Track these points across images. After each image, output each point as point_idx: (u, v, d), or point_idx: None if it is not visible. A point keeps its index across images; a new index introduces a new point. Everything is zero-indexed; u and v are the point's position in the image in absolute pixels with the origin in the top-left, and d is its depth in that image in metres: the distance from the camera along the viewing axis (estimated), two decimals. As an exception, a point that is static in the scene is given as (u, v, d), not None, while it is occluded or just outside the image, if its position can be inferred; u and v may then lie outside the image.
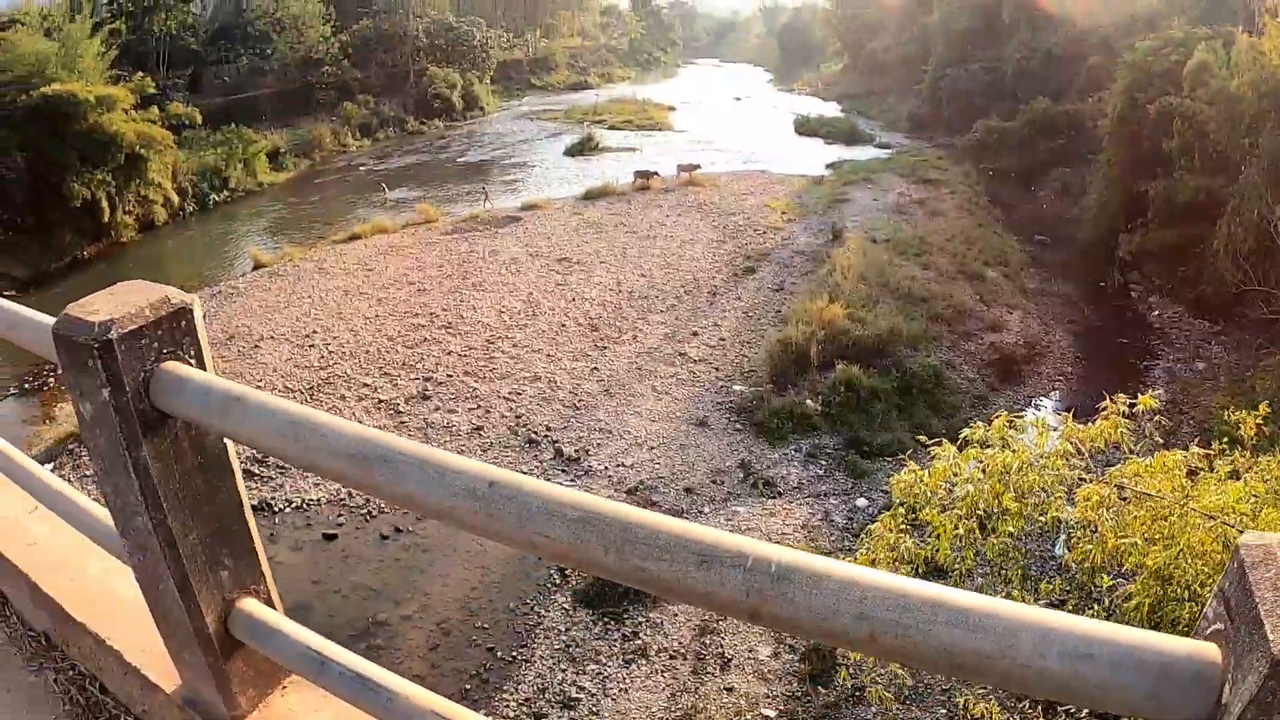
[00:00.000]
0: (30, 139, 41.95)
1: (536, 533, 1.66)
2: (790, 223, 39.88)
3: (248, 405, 2.19)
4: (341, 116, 67.77)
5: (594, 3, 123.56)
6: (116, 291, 2.43)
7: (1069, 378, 27.53)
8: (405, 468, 1.87)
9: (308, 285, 33.94)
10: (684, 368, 26.43)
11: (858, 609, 1.36)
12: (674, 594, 1.57)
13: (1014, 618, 1.30)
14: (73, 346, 2.31)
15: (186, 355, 2.41)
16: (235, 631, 2.57)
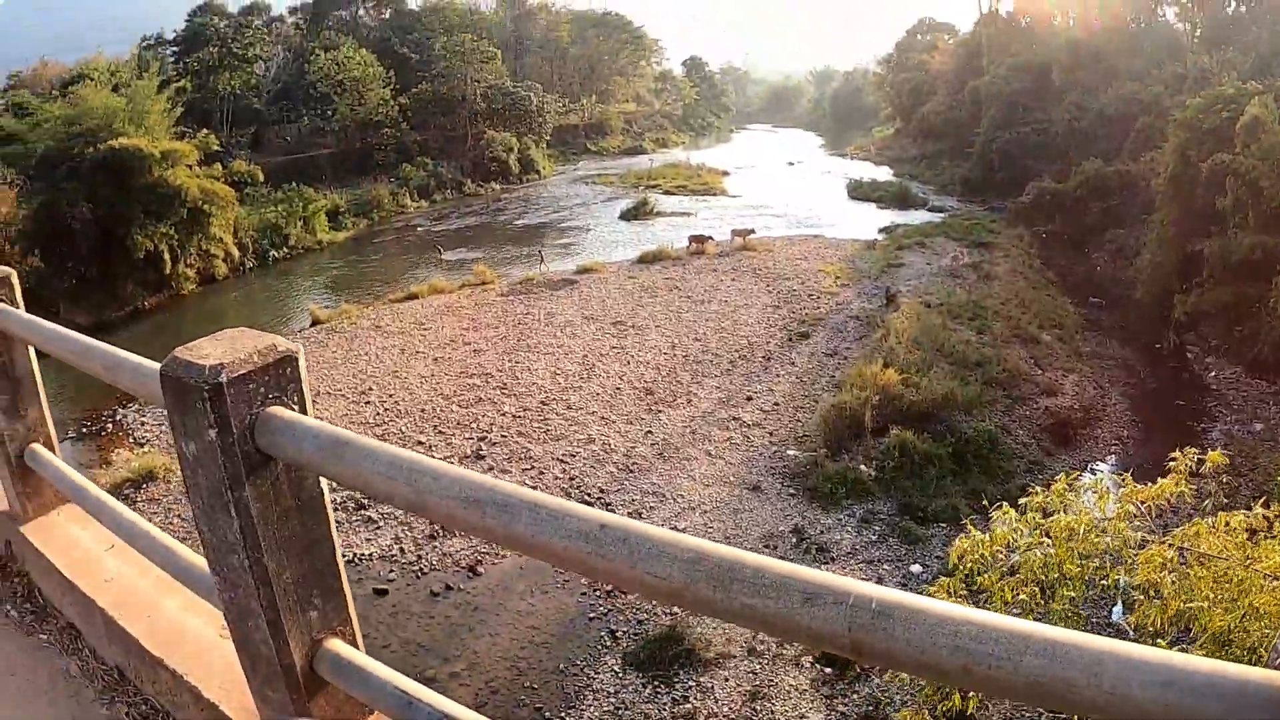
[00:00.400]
0: (96, 191, 43.24)
1: (648, 573, 1.74)
2: (844, 287, 39.86)
3: (358, 449, 2.29)
4: (400, 178, 68.99)
5: (649, 69, 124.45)
6: (222, 337, 2.56)
7: (1125, 441, 27.24)
8: (517, 510, 1.95)
9: (364, 343, 34.35)
10: (738, 432, 26.36)
11: (953, 642, 1.44)
12: (779, 630, 1.66)
13: (1098, 648, 1.37)
14: (182, 388, 2.43)
15: (290, 401, 2.52)
16: (321, 670, 2.65)
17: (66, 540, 4.41)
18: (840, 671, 16.25)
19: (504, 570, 19.94)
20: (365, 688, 2.59)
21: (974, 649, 1.42)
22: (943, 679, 1.45)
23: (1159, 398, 30.59)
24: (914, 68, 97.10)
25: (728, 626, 17.46)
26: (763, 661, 16.82)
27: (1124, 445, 26.96)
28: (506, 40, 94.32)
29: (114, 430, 28.56)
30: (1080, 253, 47.92)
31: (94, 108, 47.64)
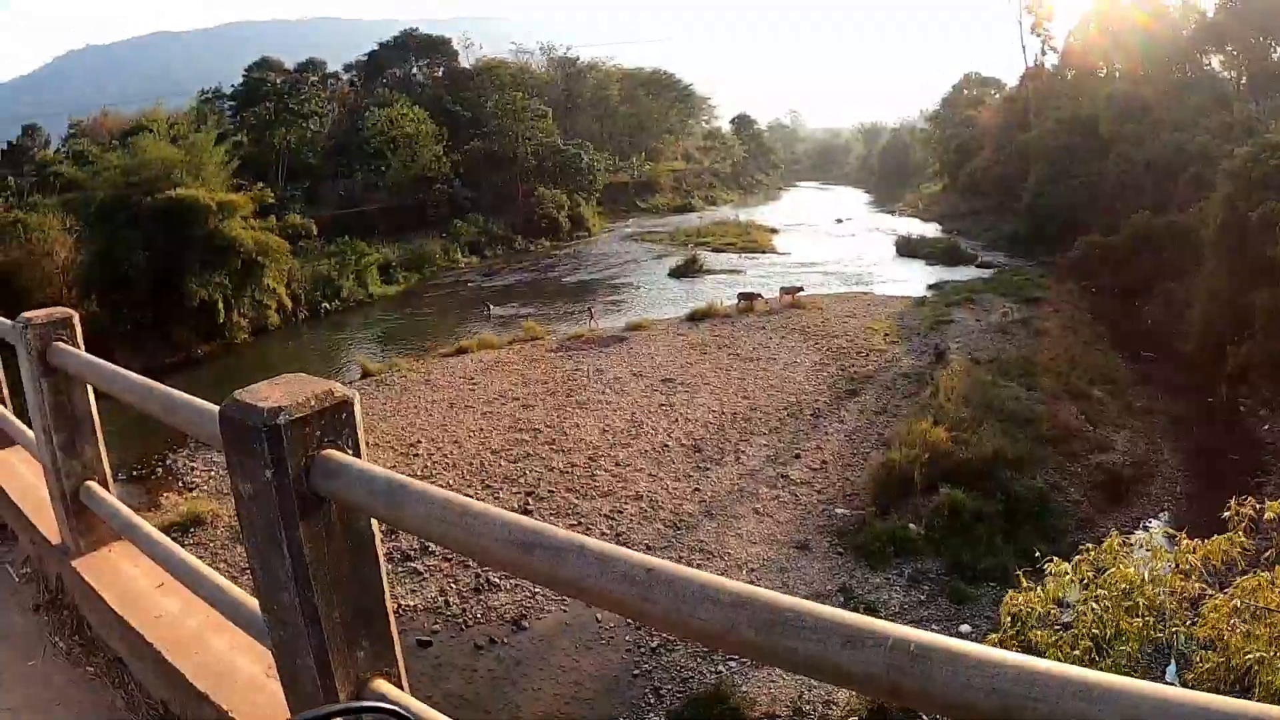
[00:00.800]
0: (153, 240, 44.21)
1: (691, 616, 1.77)
2: (893, 344, 39.78)
3: (411, 493, 2.33)
4: (451, 233, 69.80)
5: (697, 127, 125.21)
6: (280, 381, 2.63)
7: (1178, 497, 26.93)
8: (566, 554, 2.00)
9: (414, 396, 34.64)
10: (786, 490, 26.29)
11: (990, 684, 1.44)
12: (819, 673, 1.67)
13: (1136, 691, 1.37)
14: (240, 429, 2.50)
15: (345, 445, 2.57)
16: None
17: (117, 576, 4.49)
18: (885, 731, 16.12)
19: (548, 625, 19.96)
20: None
21: (1011, 691, 1.44)
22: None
23: (1212, 453, 30.21)
24: (961, 123, 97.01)
25: (773, 686, 17.42)
26: (808, 721, 16.75)
27: (1176, 501, 26.67)
28: (557, 99, 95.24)
29: (163, 475, 28.94)
30: (1130, 306, 47.55)
31: (153, 158, 48.82)
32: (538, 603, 20.59)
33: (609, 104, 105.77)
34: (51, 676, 4.26)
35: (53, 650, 4.47)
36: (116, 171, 48.62)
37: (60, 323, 4.57)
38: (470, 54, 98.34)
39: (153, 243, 44.61)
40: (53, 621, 4.72)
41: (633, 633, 19.53)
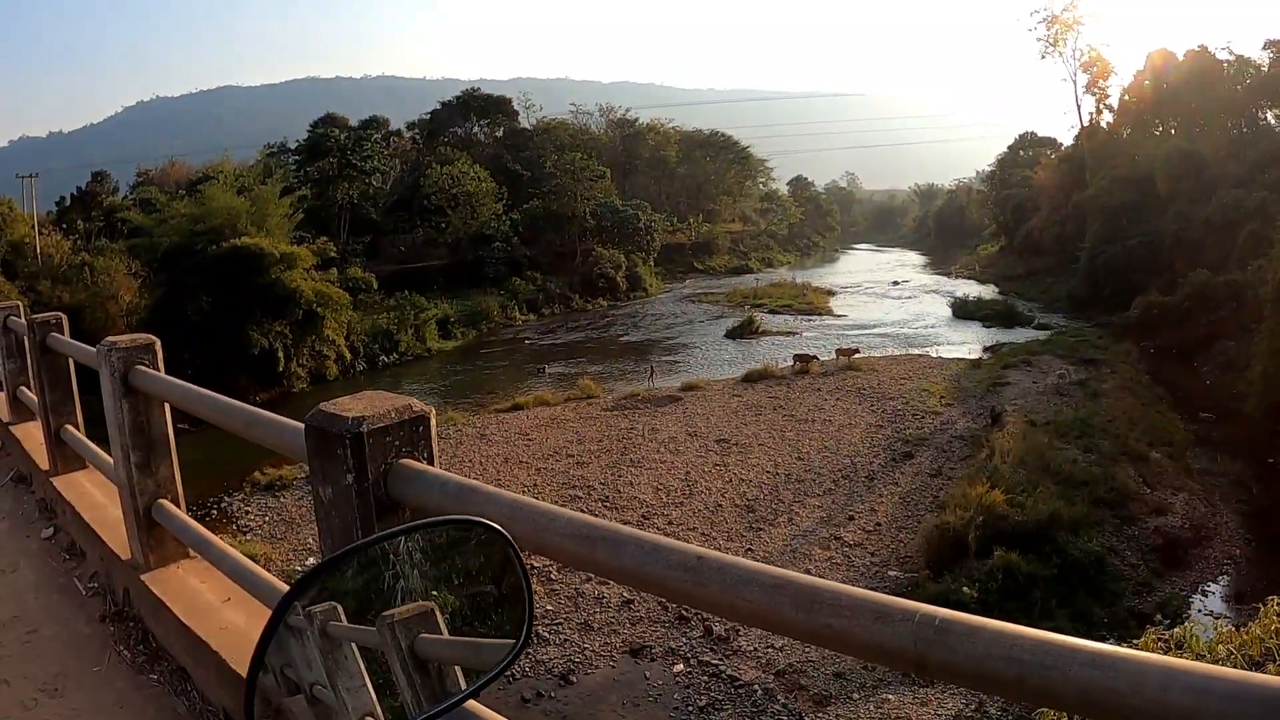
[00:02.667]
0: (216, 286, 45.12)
1: (738, 597, 1.91)
2: (948, 407, 39.61)
3: (481, 495, 2.51)
4: (509, 290, 70.42)
5: (755, 189, 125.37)
6: (362, 397, 2.85)
7: (1238, 561, 26.47)
8: (624, 545, 2.14)
9: (469, 450, 34.85)
10: (839, 552, 26.19)
11: (1008, 654, 1.54)
12: (852, 647, 1.80)
13: (1142, 660, 1.47)
14: (325, 437, 2.71)
15: (421, 455, 2.78)
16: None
17: (184, 590, 4.70)
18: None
19: (597, 681, 19.96)
20: None
21: (1028, 660, 1.53)
22: (1000, 690, 1.58)
23: (1272, 515, 29.81)
24: (1017, 184, 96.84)
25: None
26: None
27: (1236, 565, 26.26)
28: (615, 159, 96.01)
29: (218, 516, 29.25)
30: (1189, 366, 47.16)
31: (219, 207, 50.04)
32: (586, 658, 20.63)
33: (667, 165, 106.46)
34: (115, 683, 4.46)
35: (117, 659, 4.67)
36: (183, 219, 49.92)
37: (144, 348, 4.85)
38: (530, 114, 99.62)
39: (216, 290, 45.59)
40: (118, 632, 4.93)
41: (681, 691, 19.51)
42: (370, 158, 74.56)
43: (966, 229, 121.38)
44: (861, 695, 19.35)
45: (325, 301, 49.64)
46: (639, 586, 2.25)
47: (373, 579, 2.08)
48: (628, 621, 22.21)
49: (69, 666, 4.62)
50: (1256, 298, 42.04)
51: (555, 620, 22.14)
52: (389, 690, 2.08)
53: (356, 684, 2.11)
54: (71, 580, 5.74)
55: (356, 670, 2.10)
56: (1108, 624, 19.46)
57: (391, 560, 2.09)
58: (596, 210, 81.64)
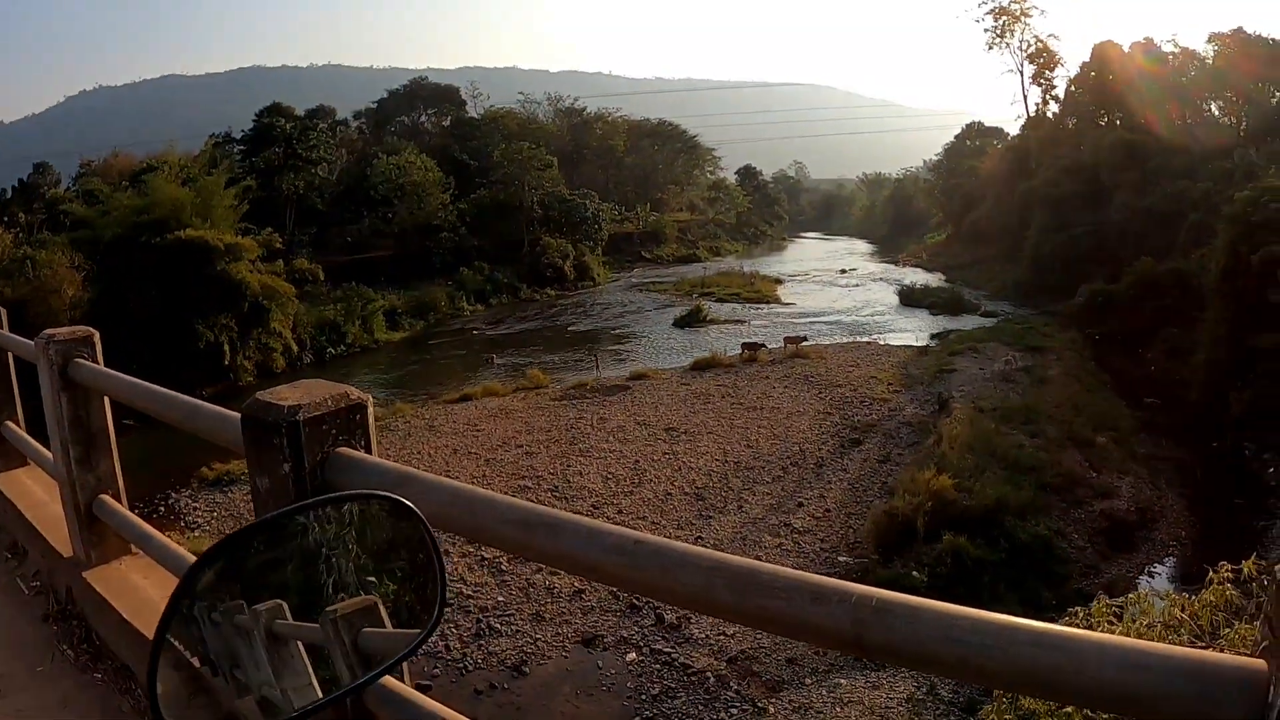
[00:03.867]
0: (161, 280, 44.64)
1: (675, 581, 1.89)
2: (896, 393, 39.81)
3: (420, 483, 2.46)
4: (457, 281, 70.01)
5: (702, 178, 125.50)
6: (300, 385, 2.80)
7: (1183, 542, 26.91)
8: (564, 530, 2.13)
9: (417, 442, 34.66)
10: (788, 538, 26.22)
11: (948, 634, 1.54)
12: (789, 629, 1.80)
13: (1082, 637, 1.46)
14: (261, 427, 2.66)
15: (358, 443, 2.72)
16: (370, 704, 2.73)
17: (126, 586, 4.62)
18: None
19: (550, 672, 19.91)
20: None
21: (968, 640, 1.52)
22: (941, 670, 1.52)
23: (1217, 497, 30.28)
24: (964, 173, 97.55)
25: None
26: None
27: (1182, 547, 26.63)
28: (563, 148, 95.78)
29: (166, 513, 28.90)
30: (1134, 353, 47.64)
31: (163, 199, 49.45)
32: (539, 649, 20.57)
33: (614, 154, 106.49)
34: (59, 681, 4.40)
35: (60, 658, 4.60)
36: (127, 211, 49.25)
37: (82, 340, 4.75)
38: (477, 104, 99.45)
39: (161, 283, 45.07)
40: (61, 631, 4.85)
41: (634, 679, 19.49)
42: (316, 147, 74.07)
43: (914, 218, 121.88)
44: (814, 680, 19.41)
45: (271, 294, 49.28)
46: (578, 572, 2.26)
47: (283, 555, 2.05)
48: (579, 611, 22.15)
49: (12, 667, 4.57)
50: (1200, 286, 42.67)
51: (507, 611, 22.09)
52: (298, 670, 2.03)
53: (301, 680, 2.04)
54: (14, 580, 5.67)
55: (301, 665, 2.04)
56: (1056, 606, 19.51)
57: (302, 536, 2.05)
58: (544, 200, 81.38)
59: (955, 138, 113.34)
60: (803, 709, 18.35)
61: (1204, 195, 51.70)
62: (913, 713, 17.99)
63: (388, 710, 2.73)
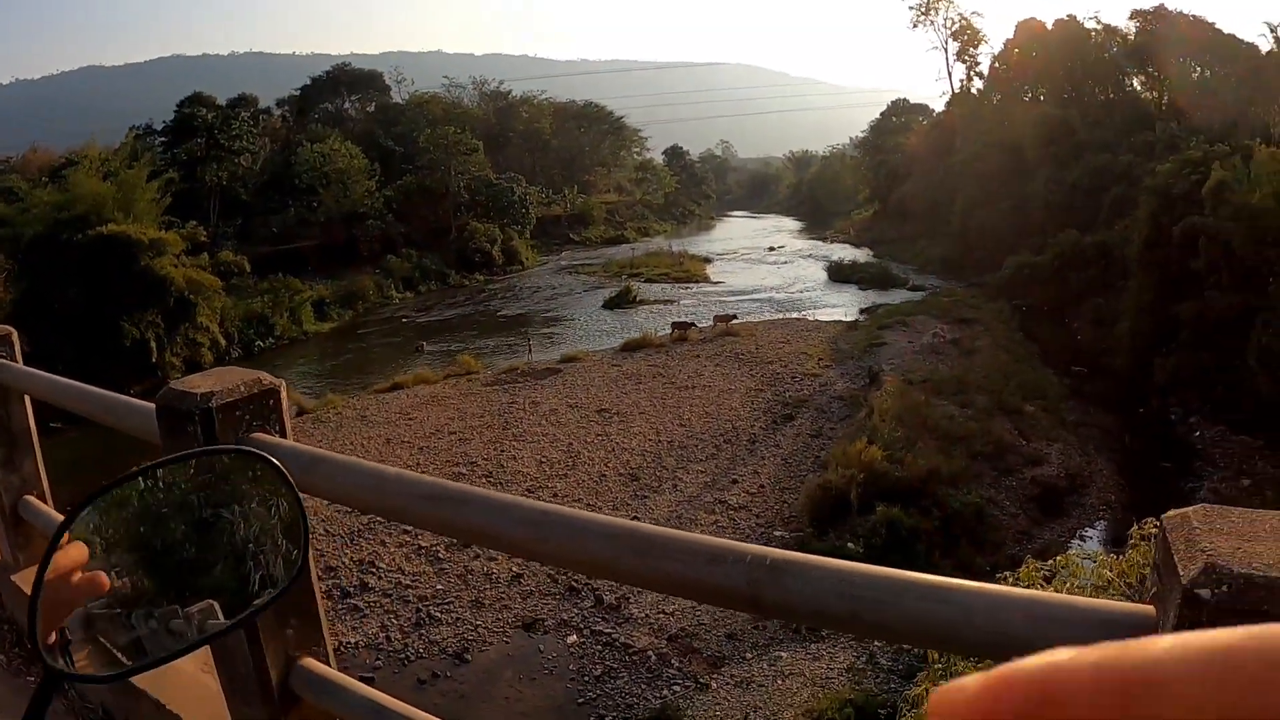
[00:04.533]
0: (84, 277, 43.69)
1: (581, 549, 1.91)
2: (827, 368, 39.97)
3: (332, 464, 2.48)
4: (385, 269, 69.36)
5: (629, 159, 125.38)
6: (213, 373, 2.79)
7: (1113, 506, 27.38)
8: (471, 504, 2.14)
9: (350, 432, 34.33)
10: (724, 515, 26.31)
11: (840, 589, 1.55)
12: (689, 590, 1.83)
13: (972, 589, 1.49)
14: (175, 415, 2.64)
15: (273, 429, 2.71)
16: (295, 687, 2.76)
17: None
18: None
19: (491, 658, 19.86)
20: (337, 701, 2.72)
21: (861, 596, 1.53)
22: (835, 625, 1.66)
23: (1145, 461, 30.83)
24: (890, 150, 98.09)
25: (718, 708, 17.43)
26: (756, 740, 16.77)
27: (1112, 510, 27.09)
28: (489, 132, 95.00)
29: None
30: (1060, 323, 48.33)
31: (84, 194, 48.34)
32: (480, 635, 20.51)
33: (541, 137, 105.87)
34: None
35: None
36: (47, 207, 48.02)
37: (1, 339, 4.68)
38: (402, 89, 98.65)
39: (84, 280, 44.16)
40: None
41: (576, 662, 19.53)
42: (239, 137, 72.92)
43: (841, 195, 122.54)
44: (755, 654, 19.56)
45: (197, 288, 48.47)
46: (490, 545, 2.34)
47: (148, 511, 1.97)
48: (519, 596, 22.12)
49: None
50: (1123, 256, 43.32)
51: (446, 599, 22.03)
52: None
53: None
54: None
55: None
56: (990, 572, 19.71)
57: (168, 493, 1.98)
58: (471, 185, 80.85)
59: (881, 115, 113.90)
60: (744, 683, 18.45)
61: (1126, 168, 52.47)
62: (853, 682, 18.15)
63: (312, 692, 2.75)
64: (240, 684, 2.80)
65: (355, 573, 23.05)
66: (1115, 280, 44.33)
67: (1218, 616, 1.26)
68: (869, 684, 18.12)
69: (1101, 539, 24.83)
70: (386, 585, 22.59)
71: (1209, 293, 33.82)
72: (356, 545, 24.37)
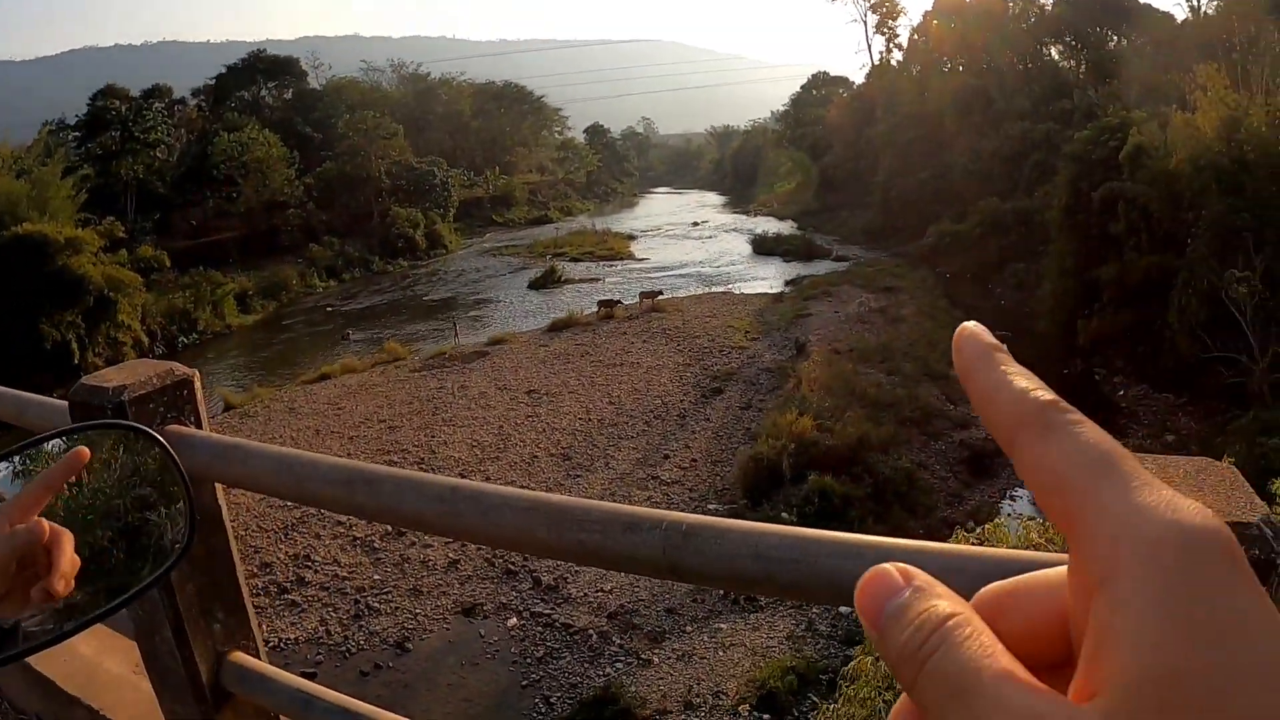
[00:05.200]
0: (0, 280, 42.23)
1: (492, 522, 1.89)
2: (754, 341, 40.22)
3: (246, 451, 2.45)
4: (307, 258, 68.38)
5: (551, 138, 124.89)
6: (125, 366, 2.73)
7: (1042, 465, 27.77)
8: (382, 484, 2.12)
9: (278, 426, 33.96)
10: (657, 491, 26.40)
11: (754, 551, 1.56)
12: (605, 560, 1.81)
13: (890, 545, 1.50)
14: (88, 411, 2.59)
15: (188, 420, 2.66)
16: (226, 683, 2.73)
17: None
18: (778, 718, 16.31)
19: (432, 645, 19.80)
20: (268, 694, 2.71)
21: (775, 556, 1.54)
22: (753, 588, 1.65)
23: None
24: (811, 122, 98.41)
25: (661, 683, 17.49)
26: (700, 714, 16.86)
27: (1040, 469, 27.45)
28: (409, 116, 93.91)
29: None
30: (984, 289, 48.96)
31: (-3, 193, 47.17)
32: (420, 624, 20.46)
33: (461, 119, 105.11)
34: None
35: None
36: (-44, 209, 46.97)
37: None
38: (319, 74, 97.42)
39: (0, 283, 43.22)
40: None
41: (517, 644, 19.56)
42: (154, 129, 71.57)
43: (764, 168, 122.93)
44: (695, 627, 19.68)
45: (117, 285, 47.47)
46: (403, 524, 2.33)
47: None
48: (456, 582, 22.08)
49: None
50: (1044, 222, 43.97)
51: (384, 589, 21.95)
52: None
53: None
54: None
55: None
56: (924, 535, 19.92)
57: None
58: (392, 169, 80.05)
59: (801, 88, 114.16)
60: (686, 656, 18.56)
61: (1045, 136, 53.22)
62: (794, 650, 18.30)
63: (243, 687, 2.73)
64: (171, 682, 2.77)
65: (291, 568, 22.85)
66: (1036, 245, 45.02)
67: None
68: (809, 651, 18.31)
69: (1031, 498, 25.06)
70: (323, 578, 22.42)
71: (1129, 255, 34.40)
72: (291, 539, 24.16)
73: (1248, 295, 27.90)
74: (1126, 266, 34.19)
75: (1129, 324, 33.72)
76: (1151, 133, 35.39)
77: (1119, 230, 34.74)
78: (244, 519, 24.78)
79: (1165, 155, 33.75)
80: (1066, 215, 38.64)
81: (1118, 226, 34.77)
